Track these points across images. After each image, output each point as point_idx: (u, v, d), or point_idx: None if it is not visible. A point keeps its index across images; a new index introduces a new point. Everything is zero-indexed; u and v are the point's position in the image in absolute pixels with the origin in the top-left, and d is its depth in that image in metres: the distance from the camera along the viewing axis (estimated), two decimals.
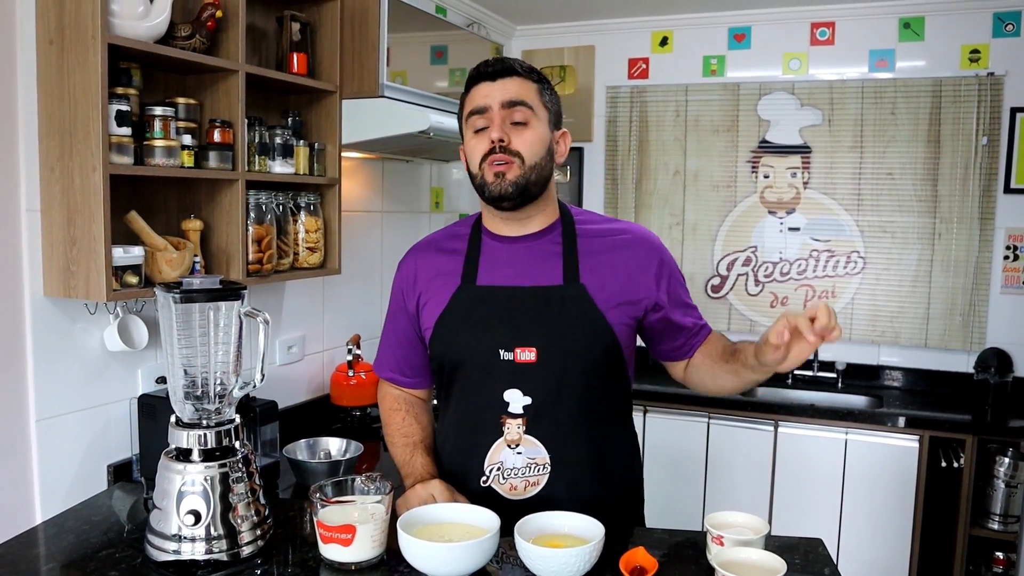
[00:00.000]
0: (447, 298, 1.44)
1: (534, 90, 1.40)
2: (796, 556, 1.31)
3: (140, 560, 1.31)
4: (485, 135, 1.38)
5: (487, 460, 1.40)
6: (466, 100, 1.43)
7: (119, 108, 1.71)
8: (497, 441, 1.39)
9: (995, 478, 2.76)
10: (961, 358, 3.17)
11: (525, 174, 1.37)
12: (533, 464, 1.38)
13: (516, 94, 1.38)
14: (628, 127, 3.54)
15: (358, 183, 2.84)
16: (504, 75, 1.38)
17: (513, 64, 1.40)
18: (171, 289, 1.31)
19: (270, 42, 2.30)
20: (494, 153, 1.36)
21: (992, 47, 3.05)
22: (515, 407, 1.38)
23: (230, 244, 2.02)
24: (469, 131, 1.42)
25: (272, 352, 2.48)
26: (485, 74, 1.40)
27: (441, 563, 1.18)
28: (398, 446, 1.54)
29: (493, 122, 1.37)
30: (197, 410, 1.35)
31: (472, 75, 1.42)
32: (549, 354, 1.38)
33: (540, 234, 1.45)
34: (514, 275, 1.42)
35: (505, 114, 1.37)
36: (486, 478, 1.41)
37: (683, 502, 3.04)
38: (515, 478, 1.39)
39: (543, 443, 1.38)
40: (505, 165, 1.36)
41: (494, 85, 1.38)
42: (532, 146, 1.37)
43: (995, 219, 3.09)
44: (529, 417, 1.38)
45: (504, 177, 1.36)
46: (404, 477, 1.49)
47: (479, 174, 1.39)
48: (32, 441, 1.78)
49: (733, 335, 3.49)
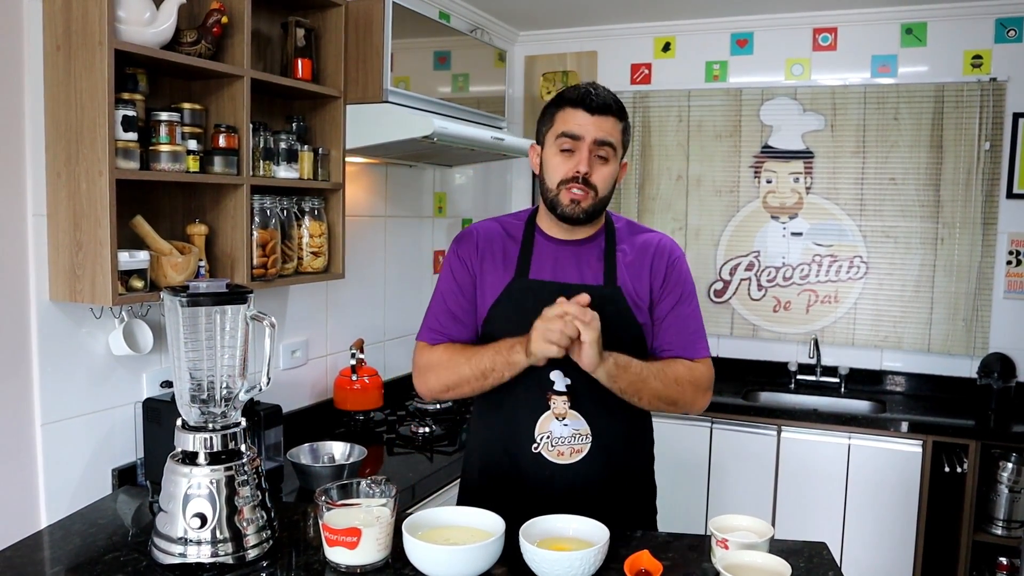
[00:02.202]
0: (502, 287, 1.59)
1: (620, 130, 1.56)
2: (800, 560, 1.31)
3: (146, 563, 1.31)
4: (570, 159, 1.52)
5: (537, 429, 1.55)
6: (558, 116, 1.55)
7: (125, 113, 1.72)
8: (545, 414, 1.55)
9: (998, 483, 2.76)
10: (964, 363, 3.17)
11: (596, 204, 1.55)
12: (577, 434, 1.55)
13: (608, 135, 1.52)
14: (631, 132, 3.55)
15: (362, 188, 2.85)
16: (603, 112, 1.52)
17: (611, 102, 1.53)
18: (178, 293, 1.32)
19: (275, 48, 2.31)
20: (575, 182, 1.52)
21: (994, 52, 3.06)
22: (559, 386, 1.54)
23: (235, 248, 2.03)
24: (554, 146, 1.55)
25: (276, 356, 2.48)
26: (588, 105, 1.51)
27: (446, 566, 1.18)
28: (473, 356, 1.54)
29: (582, 153, 1.51)
30: (203, 413, 1.36)
31: (574, 97, 1.53)
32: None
33: (587, 240, 1.61)
34: (562, 272, 1.59)
35: (594, 148, 1.52)
36: (536, 445, 1.55)
37: (687, 506, 3.04)
38: (562, 445, 1.55)
39: (585, 417, 1.54)
40: (583, 194, 1.52)
41: (592, 120, 1.51)
42: (607, 181, 1.55)
43: (998, 224, 3.09)
44: (572, 395, 1.54)
45: (579, 204, 1.53)
46: (509, 354, 1.49)
47: (554, 191, 1.55)
48: (37, 445, 1.78)
49: (736, 340, 3.51)
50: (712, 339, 3.52)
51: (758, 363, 3.48)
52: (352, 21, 2.38)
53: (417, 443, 2.46)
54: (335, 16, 2.33)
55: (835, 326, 3.33)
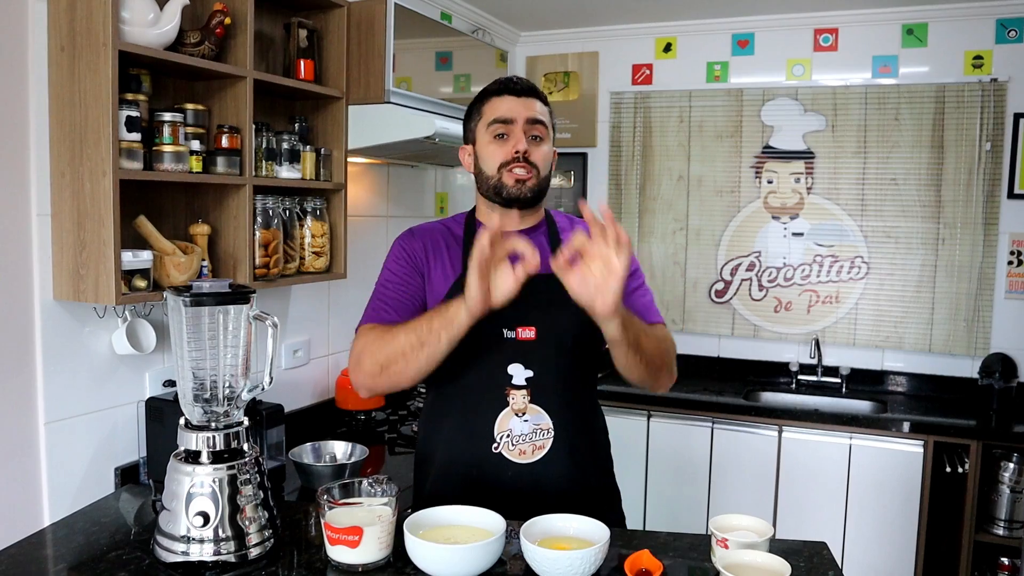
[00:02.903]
0: (448, 286, 1.55)
1: (547, 113, 1.59)
2: (800, 559, 1.31)
3: (148, 561, 1.32)
4: (507, 144, 1.54)
5: (496, 428, 1.51)
6: (486, 108, 1.57)
7: (129, 114, 1.73)
8: (504, 411, 1.51)
9: (1000, 483, 2.76)
10: (965, 363, 3.17)
11: (540, 183, 1.56)
12: (538, 429, 1.51)
13: (539, 113, 1.56)
14: (632, 133, 3.56)
15: (364, 188, 2.85)
16: (529, 95, 1.56)
17: (534, 86, 1.59)
18: (181, 293, 1.33)
19: (278, 49, 2.32)
20: (517, 162, 1.52)
21: (995, 53, 3.06)
22: (518, 379, 1.51)
23: (237, 248, 2.03)
24: (487, 135, 1.56)
25: (278, 356, 2.49)
26: (513, 90, 1.55)
27: (447, 565, 1.19)
28: (407, 324, 1.44)
29: (517, 133, 1.53)
30: (206, 412, 1.37)
31: (496, 87, 1.57)
32: (546, 332, 1.53)
33: (531, 230, 1.60)
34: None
35: (528, 129, 1.54)
36: (496, 444, 1.51)
37: (687, 506, 3.04)
38: (523, 443, 1.51)
39: (546, 411, 1.51)
40: (526, 173, 1.53)
41: (520, 101, 1.54)
42: (546, 159, 1.57)
43: (999, 224, 3.09)
44: (532, 388, 1.51)
45: (525, 184, 1.54)
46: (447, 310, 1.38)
47: (495, 177, 1.54)
48: (41, 443, 1.79)
49: (737, 340, 3.51)
50: (713, 339, 3.55)
51: (759, 363, 3.48)
52: (354, 22, 2.39)
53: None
54: (337, 17, 2.34)
55: (836, 326, 3.34)
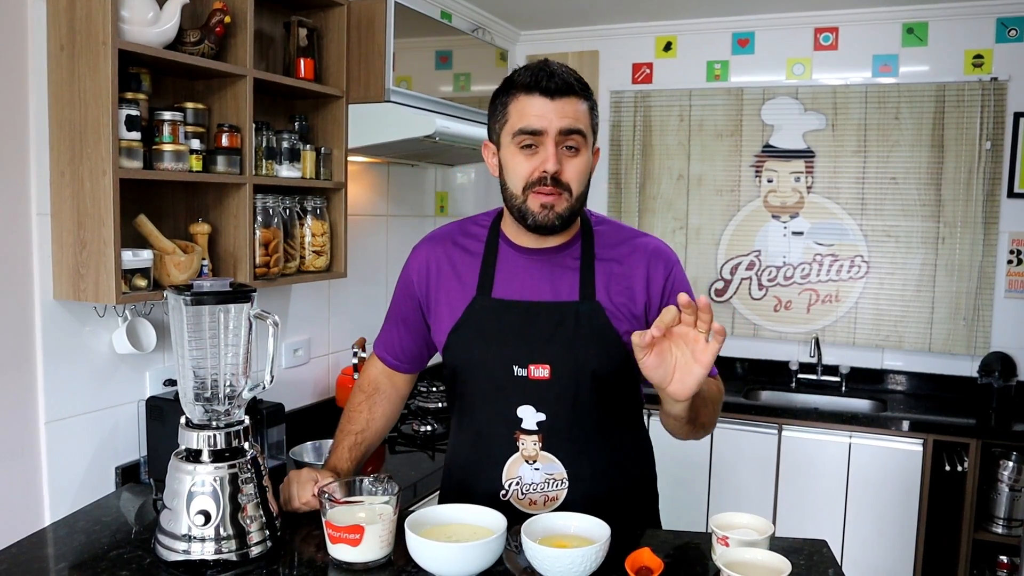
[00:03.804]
0: (462, 308, 1.39)
1: (586, 112, 1.30)
2: (801, 557, 1.31)
3: (150, 560, 1.32)
4: (533, 157, 1.29)
5: (505, 474, 1.37)
6: (512, 109, 1.30)
7: (129, 113, 1.73)
8: (514, 456, 1.37)
9: (999, 482, 2.77)
10: (965, 362, 3.18)
11: (571, 206, 1.31)
12: (551, 479, 1.36)
13: (574, 120, 1.28)
14: (632, 132, 3.56)
15: (364, 187, 2.85)
16: (563, 94, 1.26)
17: (571, 80, 1.28)
18: (182, 292, 1.33)
19: (277, 47, 2.32)
20: (543, 184, 1.28)
21: (996, 52, 3.06)
22: (528, 423, 1.35)
23: (237, 247, 2.03)
24: (511, 145, 1.31)
25: (279, 355, 2.49)
26: (544, 89, 1.26)
27: (448, 563, 1.19)
28: (339, 428, 1.57)
29: (547, 149, 1.27)
30: (207, 411, 1.37)
31: (527, 80, 1.28)
32: (563, 371, 1.34)
33: (560, 248, 1.38)
34: (531, 289, 1.37)
35: (560, 140, 1.27)
36: (505, 492, 1.38)
37: (688, 504, 3.05)
38: (534, 493, 1.37)
39: (559, 459, 1.36)
40: (554, 197, 1.28)
41: (553, 106, 1.26)
42: (581, 175, 1.31)
43: (999, 223, 3.10)
44: (544, 433, 1.35)
45: (552, 209, 1.29)
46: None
47: (520, 198, 1.31)
48: (41, 443, 1.79)
49: (737, 339, 3.51)
50: None
51: (759, 362, 3.48)
52: (354, 21, 2.39)
53: (419, 441, 2.47)
54: (337, 16, 2.33)
55: (836, 325, 3.34)
